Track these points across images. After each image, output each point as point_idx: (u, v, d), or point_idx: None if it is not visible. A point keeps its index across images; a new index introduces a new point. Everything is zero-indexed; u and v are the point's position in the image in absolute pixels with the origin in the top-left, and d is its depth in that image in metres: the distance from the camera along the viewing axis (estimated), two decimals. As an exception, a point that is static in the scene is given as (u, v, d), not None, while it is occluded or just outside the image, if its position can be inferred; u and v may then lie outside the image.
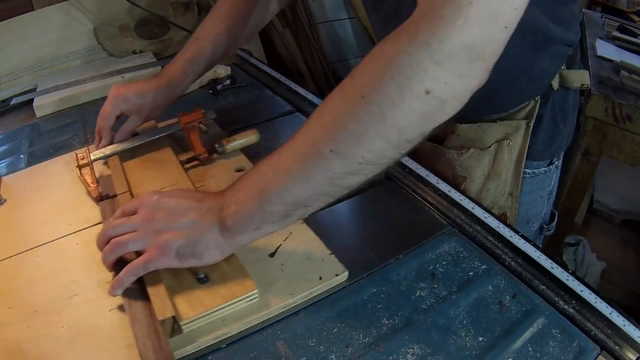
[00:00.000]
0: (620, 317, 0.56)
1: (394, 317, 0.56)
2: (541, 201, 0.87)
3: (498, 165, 0.78)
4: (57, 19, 1.30)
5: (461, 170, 0.80)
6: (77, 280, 0.60)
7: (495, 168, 0.78)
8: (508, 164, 0.78)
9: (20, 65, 1.27)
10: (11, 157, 0.96)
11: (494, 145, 0.77)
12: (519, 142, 0.76)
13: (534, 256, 0.65)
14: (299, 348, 0.53)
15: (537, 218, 0.89)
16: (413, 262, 0.64)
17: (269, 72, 1.25)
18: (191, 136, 0.81)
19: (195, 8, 1.50)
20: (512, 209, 0.82)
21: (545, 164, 0.83)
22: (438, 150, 0.82)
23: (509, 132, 0.75)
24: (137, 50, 1.36)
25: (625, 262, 1.76)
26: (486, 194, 0.81)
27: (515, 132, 0.75)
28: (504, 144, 0.76)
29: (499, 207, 0.82)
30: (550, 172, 0.84)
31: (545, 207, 0.90)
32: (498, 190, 0.80)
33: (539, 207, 0.88)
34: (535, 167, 0.82)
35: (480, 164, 0.78)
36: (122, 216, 0.57)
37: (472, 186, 0.80)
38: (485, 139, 0.77)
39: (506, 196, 0.81)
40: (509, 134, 0.76)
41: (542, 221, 0.91)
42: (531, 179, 0.82)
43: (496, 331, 0.54)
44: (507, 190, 0.80)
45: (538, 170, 0.82)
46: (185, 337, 0.52)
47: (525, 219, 0.85)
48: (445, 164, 0.82)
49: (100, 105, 0.82)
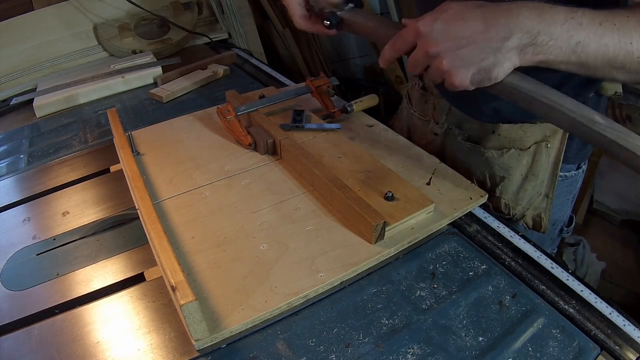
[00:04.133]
0: (620, 317, 0.56)
1: (394, 317, 0.56)
2: (566, 204, 0.89)
3: (536, 166, 0.79)
4: (57, 19, 1.30)
5: (500, 170, 0.81)
6: (260, 209, 0.70)
7: (533, 169, 0.79)
8: (545, 165, 0.78)
9: (20, 65, 1.27)
10: (11, 157, 0.96)
11: (533, 146, 0.77)
12: (556, 144, 0.77)
13: (534, 256, 0.65)
14: (299, 348, 0.53)
15: (561, 221, 0.91)
16: (413, 262, 0.64)
17: (269, 72, 1.25)
18: (323, 97, 0.93)
19: (195, 8, 1.50)
20: (546, 210, 0.82)
21: (575, 167, 0.84)
22: (476, 150, 0.83)
23: (548, 134, 0.76)
24: (137, 50, 1.36)
25: (625, 262, 1.76)
26: (523, 194, 0.81)
27: (553, 135, 0.76)
28: (542, 146, 0.77)
29: (534, 208, 0.82)
30: (578, 175, 0.85)
31: (568, 210, 0.91)
32: (534, 191, 0.81)
33: (564, 209, 0.89)
34: (567, 170, 0.82)
35: (519, 165, 0.79)
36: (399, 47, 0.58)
37: (509, 186, 0.81)
38: (525, 140, 0.77)
39: (542, 197, 0.81)
40: (547, 136, 0.76)
41: (562, 224, 0.92)
42: (562, 182, 0.82)
43: (496, 331, 0.54)
44: (543, 192, 0.81)
45: (569, 174, 0.83)
46: (386, 242, 0.64)
47: (552, 221, 0.85)
48: (482, 164, 0.83)
49: (100, 106, 0.83)
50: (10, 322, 0.57)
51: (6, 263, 0.67)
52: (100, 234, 0.71)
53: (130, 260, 0.66)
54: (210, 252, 0.63)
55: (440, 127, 0.89)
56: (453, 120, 0.87)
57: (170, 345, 0.53)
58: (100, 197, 0.79)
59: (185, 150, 0.85)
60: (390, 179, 0.72)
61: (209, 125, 0.92)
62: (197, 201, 0.72)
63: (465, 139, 0.84)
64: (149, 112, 1.09)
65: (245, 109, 0.87)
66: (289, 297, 0.56)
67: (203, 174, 0.78)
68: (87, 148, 0.95)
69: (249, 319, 0.54)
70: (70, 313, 0.58)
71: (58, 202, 0.79)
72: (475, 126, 0.83)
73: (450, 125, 0.87)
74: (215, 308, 0.55)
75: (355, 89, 2.18)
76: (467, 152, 0.84)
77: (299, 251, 0.62)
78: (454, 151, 0.87)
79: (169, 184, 0.76)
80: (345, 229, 0.66)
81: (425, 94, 0.93)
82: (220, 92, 1.15)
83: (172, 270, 0.53)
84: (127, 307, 0.59)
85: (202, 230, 0.66)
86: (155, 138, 0.89)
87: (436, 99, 0.90)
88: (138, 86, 1.21)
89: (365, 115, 0.96)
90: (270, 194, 0.73)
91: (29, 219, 0.76)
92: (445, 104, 0.87)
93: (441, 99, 0.88)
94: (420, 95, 0.94)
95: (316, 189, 0.73)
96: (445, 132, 0.88)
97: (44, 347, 0.54)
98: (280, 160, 0.81)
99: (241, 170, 0.79)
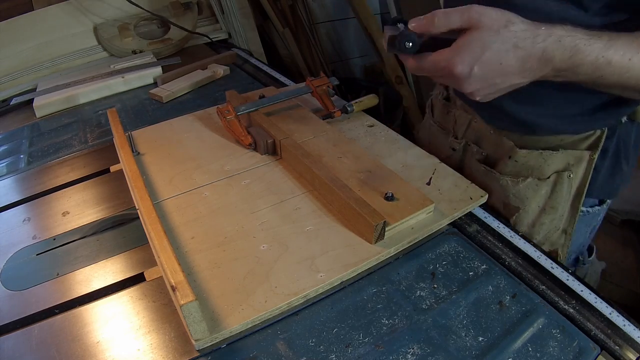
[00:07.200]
0: (620, 317, 0.56)
1: (394, 317, 0.56)
2: (583, 236, 0.83)
3: (555, 198, 0.72)
4: (57, 19, 1.30)
5: (515, 200, 0.75)
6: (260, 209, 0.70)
7: (552, 201, 0.73)
8: (566, 198, 0.72)
9: (20, 65, 1.27)
10: (11, 157, 0.96)
11: (553, 175, 0.71)
12: (580, 174, 0.70)
13: (534, 256, 0.65)
14: (299, 348, 0.53)
15: (575, 251, 0.85)
16: (413, 262, 0.64)
17: (269, 72, 1.25)
18: (323, 97, 0.93)
19: (195, 8, 1.50)
20: (564, 246, 0.76)
21: (597, 201, 0.77)
22: (491, 175, 0.77)
23: (571, 163, 0.70)
24: (137, 50, 1.36)
25: (625, 262, 1.75)
26: (539, 229, 0.75)
27: (577, 164, 0.70)
28: (564, 176, 0.70)
29: (551, 244, 0.76)
30: (601, 211, 0.79)
31: (586, 241, 0.85)
32: (552, 226, 0.75)
33: (580, 240, 0.83)
34: (590, 204, 0.76)
35: (536, 195, 0.73)
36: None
37: (525, 218, 0.75)
38: (545, 169, 0.71)
39: (559, 233, 0.75)
40: (570, 165, 0.70)
41: (578, 252, 0.86)
42: (582, 217, 0.76)
43: (496, 331, 0.54)
44: (562, 227, 0.75)
45: (592, 209, 0.77)
46: (386, 242, 0.64)
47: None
48: (497, 190, 0.76)
49: (100, 106, 0.83)
50: (10, 322, 0.57)
51: (6, 263, 0.67)
52: (100, 234, 0.71)
53: (130, 260, 0.66)
54: (210, 252, 0.63)
55: (459, 143, 0.84)
56: (472, 136, 0.82)
57: (170, 345, 0.53)
58: (100, 197, 0.79)
59: (185, 150, 0.85)
60: (390, 179, 0.71)
61: (209, 125, 0.92)
62: (197, 201, 0.72)
63: (482, 160, 0.79)
64: (149, 112, 1.09)
65: (245, 109, 0.87)
66: (289, 297, 0.56)
67: (203, 173, 0.78)
68: (87, 148, 0.95)
69: (249, 319, 0.54)
70: (70, 313, 0.58)
71: (58, 202, 0.79)
72: (492, 143, 0.77)
73: (469, 141, 0.83)
74: (215, 308, 0.55)
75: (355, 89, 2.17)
76: (482, 175, 0.79)
77: (299, 251, 0.62)
78: (472, 170, 0.82)
79: (169, 184, 0.76)
80: (345, 229, 0.66)
81: (447, 105, 0.89)
82: (220, 92, 1.15)
83: (172, 270, 0.53)
84: (127, 307, 0.58)
85: (202, 230, 0.66)
86: (155, 138, 0.89)
87: (458, 111, 0.85)
88: (138, 86, 1.21)
89: (365, 115, 0.96)
90: (270, 194, 0.73)
91: (29, 219, 0.76)
92: (466, 118, 0.83)
93: (462, 112, 0.84)
94: (442, 106, 0.90)
95: (316, 189, 0.73)
96: (464, 147, 0.84)
97: (44, 347, 0.54)
98: (280, 160, 0.81)
99: (241, 170, 0.79)
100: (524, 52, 0.51)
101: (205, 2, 1.55)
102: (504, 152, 0.75)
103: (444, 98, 0.91)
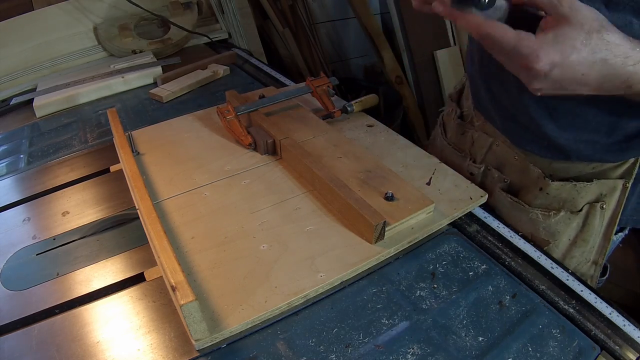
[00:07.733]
0: (620, 317, 0.56)
1: (394, 317, 0.56)
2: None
3: (587, 231, 0.69)
4: (57, 19, 1.30)
5: (545, 234, 0.71)
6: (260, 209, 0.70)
7: (584, 234, 0.69)
8: (598, 230, 0.69)
9: (20, 65, 1.27)
10: (11, 157, 0.96)
11: (585, 207, 0.68)
12: (612, 204, 0.67)
13: (534, 256, 0.65)
14: (299, 348, 0.53)
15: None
16: (413, 262, 0.64)
17: (269, 72, 1.25)
18: (323, 97, 0.93)
19: (195, 8, 1.50)
20: (593, 277, 0.73)
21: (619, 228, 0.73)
22: (519, 208, 0.72)
23: (604, 193, 0.66)
24: (137, 50, 1.36)
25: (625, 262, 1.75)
26: (569, 262, 0.72)
27: (610, 194, 0.66)
28: (596, 207, 0.67)
29: (580, 275, 0.71)
30: (622, 235, 0.77)
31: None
32: (583, 258, 0.72)
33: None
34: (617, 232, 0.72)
35: (568, 229, 0.69)
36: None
37: (554, 252, 0.71)
38: (578, 201, 0.67)
39: (590, 264, 0.73)
40: (603, 195, 0.66)
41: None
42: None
43: (496, 331, 0.54)
44: (592, 258, 0.72)
45: (616, 236, 0.73)
46: (386, 242, 0.64)
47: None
48: (526, 223, 0.72)
49: (100, 106, 0.83)
50: (10, 322, 0.57)
51: (6, 263, 0.67)
52: (100, 234, 0.71)
53: (130, 260, 0.66)
54: (210, 252, 0.63)
55: (478, 168, 0.78)
56: (493, 160, 0.77)
57: (170, 345, 0.53)
58: (100, 197, 0.79)
59: (185, 150, 0.85)
60: (390, 179, 0.72)
61: (209, 125, 0.92)
62: (197, 201, 0.72)
63: (506, 189, 0.75)
64: (149, 112, 1.09)
65: (245, 109, 0.87)
66: (289, 297, 0.56)
67: (203, 173, 0.78)
68: (87, 148, 0.95)
69: (249, 319, 0.54)
70: (70, 313, 0.58)
71: (58, 202, 0.79)
72: (517, 169, 0.73)
73: (489, 165, 0.77)
74: (215, 308, 0.55)
75: (355, 89, 2.18)
76: (509, 207, 0.74)
77: (299, 251, 0.62)
78: (495, 200, 0.76)
79: (169, 184, 0.76)
80: (345, 229, 0.66)
81: (463, 125, 0.83)
82: (220, 92, 1.15)
83: (172, 270, 0.53)
84: (127, 307, 0.58)
85: (202, 230, 0.66)
86: (155, 138, 0.89)
87: (476, 132, 0.79)
88: (138, 86, 1.21)
89: (365, 115, 0.96)
90: (271, 194, 0.73)
91: (29, 219, 0.76)
92: (487, 140, 0.77)
93: (482, 134, 0.78)
94: (457, 126, 0.84)
95: (316, 189, 0.73)
96: (484, 173, 0.78)
97: (44, 347, 0.54)
98: (280, 160, 0.81)
99: (241, 170, 0.79)
100: (611, 70, 0.46)
101: (205, 2, 1.55)
102: (530, 180, 0.71)
103: (458, 117, 0.85)
